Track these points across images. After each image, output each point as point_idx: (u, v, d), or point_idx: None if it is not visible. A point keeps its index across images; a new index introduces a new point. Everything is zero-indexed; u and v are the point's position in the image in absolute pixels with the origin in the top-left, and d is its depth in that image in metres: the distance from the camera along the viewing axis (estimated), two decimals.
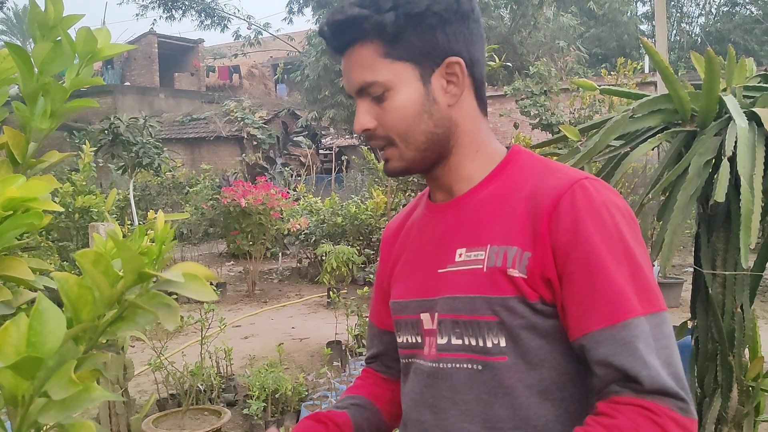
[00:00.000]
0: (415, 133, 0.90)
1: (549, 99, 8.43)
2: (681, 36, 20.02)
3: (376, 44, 0.88)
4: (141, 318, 0.57)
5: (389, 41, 0.87)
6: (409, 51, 0.88)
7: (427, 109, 0.90)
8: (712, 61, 1.80)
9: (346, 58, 0.91)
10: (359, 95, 0.91)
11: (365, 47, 0.88)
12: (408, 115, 0.89)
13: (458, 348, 0.89)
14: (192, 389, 3.65)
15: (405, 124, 0.89)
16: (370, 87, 0.89)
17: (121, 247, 0.52)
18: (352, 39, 0.89)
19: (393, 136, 0.90)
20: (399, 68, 0.88)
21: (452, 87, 0.91)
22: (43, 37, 0.87)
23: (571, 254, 0.82)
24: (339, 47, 0.91)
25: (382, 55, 0.88)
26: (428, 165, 0.94)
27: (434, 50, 0.89)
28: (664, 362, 0.79)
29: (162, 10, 17.87)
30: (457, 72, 0.90)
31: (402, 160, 0.92)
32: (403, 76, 0.88)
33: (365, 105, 0.91)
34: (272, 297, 7.69)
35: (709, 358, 2.02)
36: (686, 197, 1.82)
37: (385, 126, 0.90)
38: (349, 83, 0.92)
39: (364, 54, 0.89)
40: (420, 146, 0.91)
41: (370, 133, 0.92)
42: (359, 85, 0.90)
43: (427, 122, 0.90)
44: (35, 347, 0.47)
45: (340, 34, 0.89)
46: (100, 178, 11.53)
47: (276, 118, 16.91)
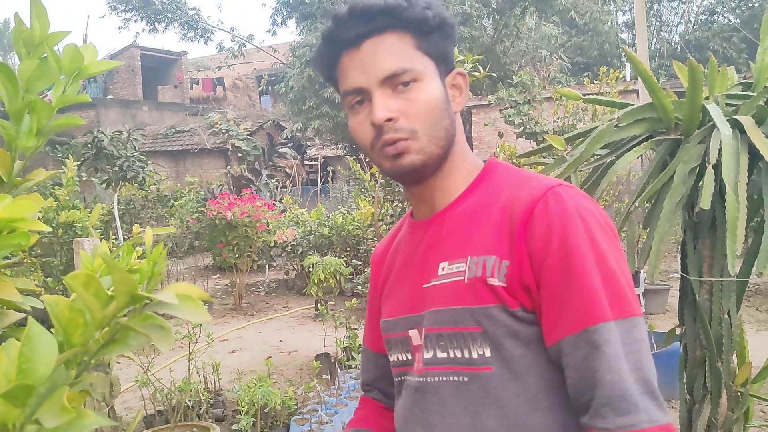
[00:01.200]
0: (438, 127, 0.90)
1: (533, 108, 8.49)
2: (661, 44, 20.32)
3: (407, 36, 0.89)
4: (133, 340, 0.56)
5: (422, 35, 0.90)
6: (435, 50, 0.91)
7: (446, 107, 0.92)
8: (695, 69, 1.82)
9: (367, 47, 0.89)
10: (382, 84, 0.89)
11: (395, 37, 0.89)
12: (435, 108, 0.90)
13: (443, 361, 0.90)
14: (180, 405, 3.60)
15: (433, 116, 0.89)
16: (402, 74, 0.88)
17: (112, 268, 0.51)
18: (384, 27, 0.89)
19: (418, 127, 0.89)
20: (428, 63, 0.91)
21: (457, 96, 0.94)
22: (29, 54, 0.86)
23: (545, 261, 0.83)
24: (361, 35, 0.89)
25: (414, 47, 0.90)
26: (437, 165, 0.93)
27: (447, 57, 0.93)
28: (633, 367, 0.79)
29: (145, 23, 17.83)
30: (461, 84, 0.95)
31: (422, 153, 0.90)
32: (431, 71, 0.91)
33: (386, 94, 0.89)
34: (259, 310, 7.64)
35: (698, 365, 2.03)
36: (672, 205, 1.84)
37: (410, 116, 0.88)
38: (370, 72, 0.89)
39: (395, 42, 0.89)
40: (440, 141, 0.91)
41: (390, 124, 0.89)
42: (391, 71, 0.88)
43: (447, 120, 0.92)
44: (26, 374, 0.46)
45: (370, 21, 0.88)
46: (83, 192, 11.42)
47: (261, 130, 16.88)
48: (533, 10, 14.11)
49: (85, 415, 0.47)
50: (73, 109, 13.91)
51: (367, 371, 1.17)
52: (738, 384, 1.97)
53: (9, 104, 0.85)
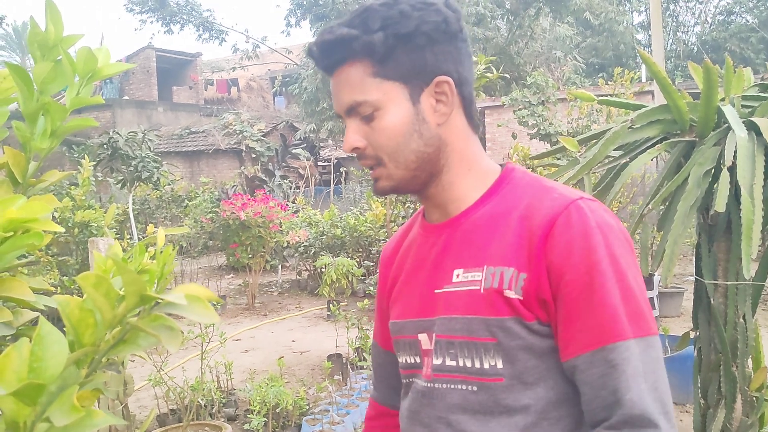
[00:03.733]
0: (404, 152, 0.90)
1: (546, 109, 8.45)
2: (677, 45, 20.14)
3: (366, 64, 0.88)
4: (143, 340, 0.56)
5: (378, 61, 0.87)
6: (398, 70, 0.88)
7: (416, 128, 0.89)
8: (711, 71, 1.80)
9: (335, 78, 0.91)
10: (348, 115, 0.91)
11: (354, 67, 0.88)
12: (397, 134, 0.89)
13: (452, 369, 0.89)
14: (192, 404, 3.63)
15: (394, 143, 0.89)
16: (359, 106, 0.89)
17: (122, 269, 0.51)
18: (342, 58, 0.89)
19: (382, 155, 0.90)
20: (388, 87, 0.88)
21: (441, 106, 0.90)
22: (44, 57, 0.87)
23: (564, 275, 0.82)
24: (328, 67, 0.91)
25: (371, 75, 0.88)
26: (419, 185, 0.93)
27: (423, 69, 0.89)
28: (651, 386, 0.79)
29: (160, 24, 17.98)
30: (446, 91, 0.90)
31: (391, 180, 0.92)
32: (393, 96, 0.88)
33: (354, 124, 0.90)
34: (272, 310, 7.67)
35: (712, 369, 2.01)
36: (686, 207, 1.82)
37: (374, 145, 0.90)
38: (338, 103, 0.91)
39: (353, 73, 0.88)
40: (410, 165, 0.90)
41: (359, 152, 0.91)
42: (348, 104, 0.89)
43: (417, 141, 0.90)
44: (37, 373, 0.46)
45: (330, 54, 0.89)
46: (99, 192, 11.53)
47: (274, 131, 16.95)
48: (548, 10, 14.05)
49: (95, 414, 0.48)
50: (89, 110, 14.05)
51: (375, 369, 1.17)
52: (753, 389, 1.94)
53: (24, 106, 0.86)
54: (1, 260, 0.73)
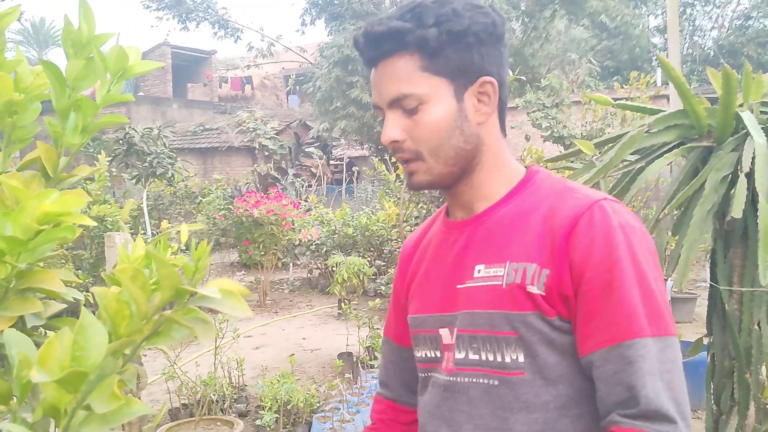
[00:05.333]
0: (445, 148, 0.91)
1: (561, 112, 8.42)
2: (693, 49, 19.98)
3: (415, 57, 0.89)
4: (176, 332, 0.58)
5: (429, 56, 0.89)
6: (446, 67, 0.90)
7: (458, 125, 0.91)
8: (730, 76, 1.80)
9: (379, 69, 0.92)
10: (390, 107, 0.91)
11: (403, 59, 0.90)
12: (440, 129, 0.90)
13: (475, 363, 0.91)
14: (204, 399, 3.66)
15: (437, 138, 0.90)
16: (405, 99, 0.90)
17: (160, 263, 0.53)
18: (391, 50, 0.90)
19: (422, 149, 0.91)
20: (435, 83, 0.90)
21: (483, 106, 0.93)
22: (76, 55, 0.89)
23: (586, 273, 0.84)
24: (374, 58, 0.92)
25: (420, 69, 0.89)
26: (452, 181, 0.95)
27: (470, 68, 0.91)
28: (666, 385, 0.80)
29: (176, 21, 18.08)
30: (489, 92, 0.93)
31: (429, 174, 0.93)
32: (439, 91, 0.90)
33: (395, 117, 0.91)
34: (283, 307, 7.71)
35: (726, 375, 2.01)
36: (703, 213, 1.82)
37: (415, 139, 0.91)
38: (381, 94, 0.92)
39: (401, 66, 0.90)
40: (449, 161, 0.92)
41: (397, 145, 0.92)
42: (394, 96, 0.90)
43: (458, 138, 0.91)
44: (79, 361, 0.48)
45: (378, 45, 0.90)
46: (113, 187, 11.63)
47: (288, 129, 17.01)
48: (563, 13, 13.99)
49: (133, 403, 0.50)
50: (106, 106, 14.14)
51: (386, 366, 1.18)
52: (766, 396, 1.94)
53: (56, 102, 0.88)
54: (34, 252, 0.76)
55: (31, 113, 0.91)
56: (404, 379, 1.13)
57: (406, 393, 1.13)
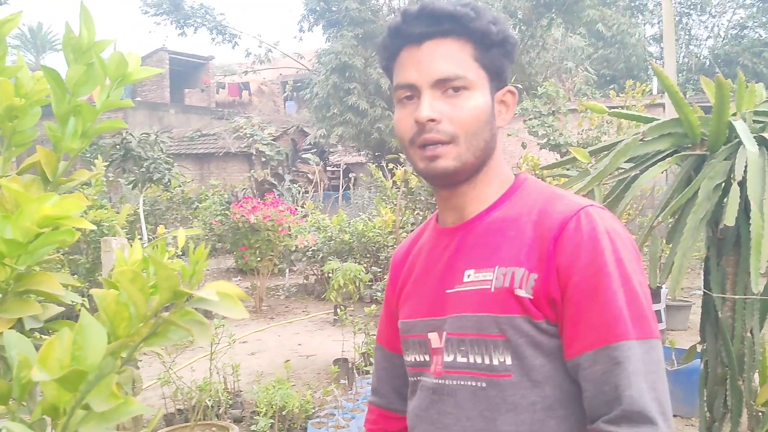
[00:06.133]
0: (479, 137, 0.93)
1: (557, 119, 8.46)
2: (689, 58, 20.10)
3: (469, 46, 0.92)
4: (173, 334, 0.59)
5: (483, 48, 0.93)
6: (491, 64, 0.94)
7: (490, 120, 0.95)
8: (722, 86, 1.82)
9: (428, 47, 0.92)
10: (433, 86, 0.92)
11: (457, 43, 0.92)
12: (479, 117, 0.93)
13: (463, 366, 0.92)
14: (200, 405, 3.65)
15: (475, 126, 0.92)
16: (456, 80, 0.91)
17: (158, 266, 0.54)
18: (449, 31, 0.92)
19: (460, 133, 0.92)
20: (482, 75, 0.94)
21: (503, 113, 0.98)
22: (77, 60, 0.90)
23: (572, 277, 0.86)
24: (424, 35, 0.92)
25: (472, 57, 0.93)
26: (470, 174, 0.96)
27: (502, 74, 0.96)
28: (650, 386, 0.82)
29: (174, 26, 18.11)
30: (510, 102, 0.98)
31: (457, 160, 0.93)
32: (483, 83, 0.94)
33: (435, 96, 0.92)
34: (279, 313, 7.70)
35: (719, 382, 2.02)
36: (696, 220, 1.83)
37: (455, 121, 0.91)
38: (427, 71, 0.92)
39: (455, 48, 0.92)
40: (477, 152, 0.94)
41: (432, 125, 0.91)
42: (445, 74, 0.91)
43: (488, 132, 0.95)
44: (79, 361, 0.49)
45: (437, 22, 0.92)
46: (110, 192, 11.62)
47: (285, 135, 17.03)
48: (560, 21, 14.07)
49: (130, 402, 0.51)
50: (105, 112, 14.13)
51: (378, 372, 1.19)
52: (759, 403, 1.95)
53: (56, 107, 0.90)
54: (33, 255, 0.76)
55: (31, 118, 0.92)
56: (395, 385, 1.15)
57: (397, 399, 1.15)
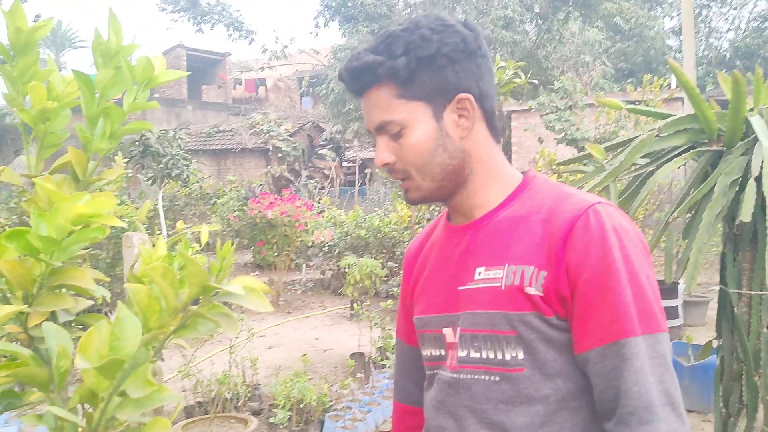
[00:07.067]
0: (431, 166, 0.97)
1: (574, 114, 8.40)
2: (709, 51, 19.82)
3: (391, 87, 0.95)
4: (201, 326, 0.62)
5: (402, 83, 0.94)
6: (421, 91, 0.95)
7: (441, 143, 0.96)
8: (739, 82, 1.82)
9: (364, 100, 0.98)
10: (378, 132, 0.98)
11: (381, 90, 0.95)
12: (423, 150, 0.96)
13: (476, 361, 0.95)
14: (219, 397, 3.72)
15: (421, 159, 0.96)
16: (387, 125, 0.96)
17: (188, 261, 0.57)
18: (369, 83, 0.96)
19: (410, 169, 0.97)
20: (413, 107, 0.95)
21: (464, 120, 0.97)
22: (105, 64, 0.94)
23: (582, 275, 0.89)
24: (358, 90, 0.99)
25: (396, 96, 0.95)
26: (446, 194, 1.00)
27: (445, 88, 0.95)
28: (657, 379, 0.85)
29: (191, 23, 18.25)
30: (468, 107, 0.96)
31: (419, 191, 0.99)
32: (417, 115, 0.95)
33: (384, 141, 0.98)
34: (296, 308, 7.77)
35: (734, 378, 2.02)
36: (712, 216, 1.84)
37: (402, 160, 0.97)
38: (368, 122, 0.99)
39: (380, 96, 0.96)
40: (436, 177, 0.97)
41: (389, 167, 0.99)
42: (377, 123, 0.97)
43: (442, 155, 0.96)
44: (116, 351, 0.52)
45: (358, 79, 0.97)
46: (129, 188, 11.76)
47: (301, 131, 17.11)
48: (577, 14, 13.95)
49: (163, 390, 0.54)
50: None
51: (399, 366, 1.23)
52: None
53: (86, 109, 0.93)
54: (67, 251, 0.80)
55: (62, 120, 0.96)
56: (415, 378, 1.18)
57: (418, 392, 1.17)
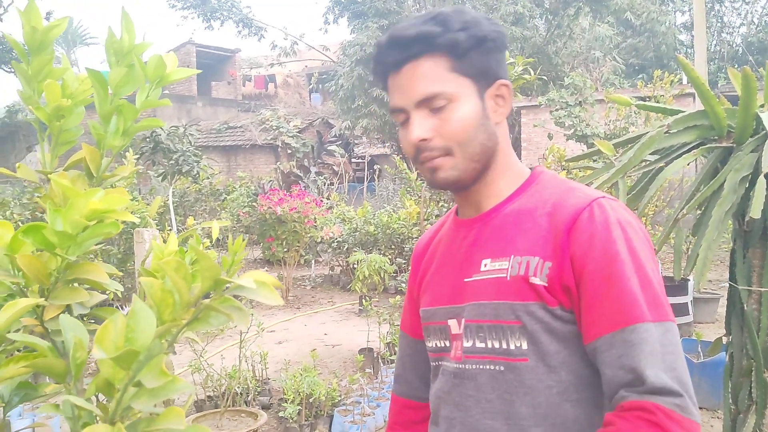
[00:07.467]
0: (473, 144, 0.97)
1: (584, 110, 8.37)
2: (721, 46, 19.64)
3: (444, 59, 0.96)
4: (214, 319, 0.63)
5: (457, 57, 0.96)
6: (471, 68, 0.97)
7: (482, 123, 0.98)
8: (749, 78, 1.81)
9: (406, 71, 0.97)
10: (417, 106, 0.96)
11: (432, 60, 0.96)
12: (469, 126, 0.96)
13: (482, 351, 0.97)
14: (229, 392, 3.75)
15: (465, 134, 0.96)
16: (435, 98, 0.95)
17: (201, 256, 0.59)
18: (419, 52, 0.96)
19: (452, 144, 0.96)
20: (462, 83, 0.96)
21: (500, 107, 1.00)
22: (118, 63, 0.95)
23: (587, 264, 0.90)
24: (399, 61, 0.97)
25: (449, 69, 0.96)
26: (474, 177, 1.00)
27: (488, 72, 0.98)
28: (668, 366, 0.84)
29: (201, 20, 18.30)
30: (505, 94, 1.00)
31: (455, 170, 0.97)
32: (466, 91, 0.97)
33: (422, 116, 0.96)
34: (305, 303, 7.80)
35: (744, 375, 2.02)
36: (721, 213, 1.83)
37: (444, 135, 0.96)
38: (408, 94, 0.97)
39: (430, 67, 0.96)
40: (474, 157, 0.98)
41: (425, 143, 0.96)
42: (424, 95, 0.95)
43: (483, 135, 0.98)
44: (131, 342, 0.54)
45: (406, 48, 0.96)
46: (139, 184, 11.84)
47: (310, 127, 17.14)
48: (587, 10, 13.87)
49: (177, 380, 0.55)
50: None
51: (403, 359, 1.24)
52: None
53: (99, 107, 0.95)
54: (82, 246, 0.82)
55: (76, 117, 0.97)
56: (419, 372, 1.19)
57: (421, 385, 1.19)
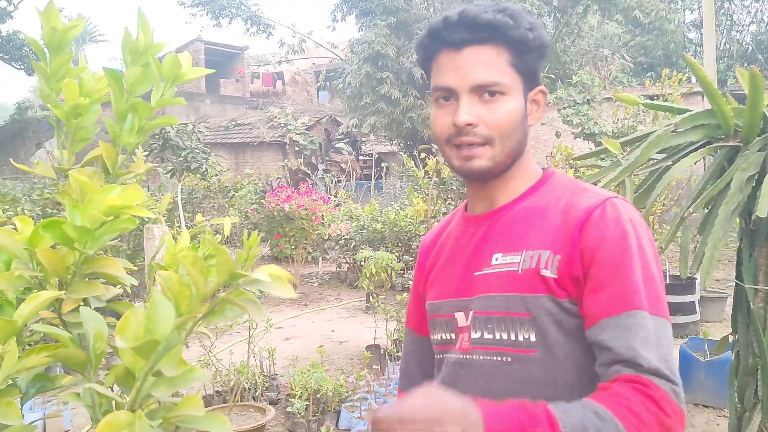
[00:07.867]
0: (512, 139, 1.00)
1: (592, 108, 8.35)
2: (731, 44, 19.50)
3: (506, 52, 0.98)
4: (229, 312, 0.66)
5: (519, 54, 0.98)
6: (526, 68, 1.00)
7: (522, 121, 1.01)
8: (756, 77, 1.82)
9: (467, 54, 0.98)
10: (471, 91, 0.98)
11: (494, 50, 0.98)
12: (513, 120, 0.99)
13: (490, 342, 0.99)
14: (237, 387, 3.78)
15: (509, 127, 0.99)
16: (494, 86, 0.97)
17: (217, 250, 0.61)
18: (487, 38, 0.97)
19: (495, 135, 0.98)
20: (516, 79, 0.99)
21: (535, 112, 1.04)
22: (134, 62, 0.98)
23: (596, 256, 0.93)
24: (463, 41, 0.98)
25: (508, 63, 0.98)
26: (501, 171, 1.03)
27: (534, 75, 1.02)
28: (662, 357, 0.87)
29: (210, 17, 18.35)
30: (541, 101, 1.04)
31: (491, 161, 1.00)
32: (518, 87, 1.00)
33: (471, 101, 0.98)
34: (313, 300, 7.83)
35: (750, 373, 2.03)
36: (728, 212, 1.84)
37: (490, 124, 0.98)
38: (465, 77, 0.98)
39: (492, 56, 0.98)
40: (509, 152, 1.00)
41: (469, 129, 0.98)
42: (483, 81, 0.97)
43: (521, 132, 1.01)
44: (151, 332, 0.56)
45: (475, 30, 0.97)
46: (148, 181, 11.91)
47: (318, 125, 17.17)
48: (596, 8, 13.81)
49: (195, 370, 0.58)
50: None
51: (407, 355, 1.26)
52: None
53: (115, 105, 0.97)
54: (99, 241, 0.84)
55: (93, 115, 1.00)
56: (423, 368, 1.21)
57: (425, 381, 1.20)
